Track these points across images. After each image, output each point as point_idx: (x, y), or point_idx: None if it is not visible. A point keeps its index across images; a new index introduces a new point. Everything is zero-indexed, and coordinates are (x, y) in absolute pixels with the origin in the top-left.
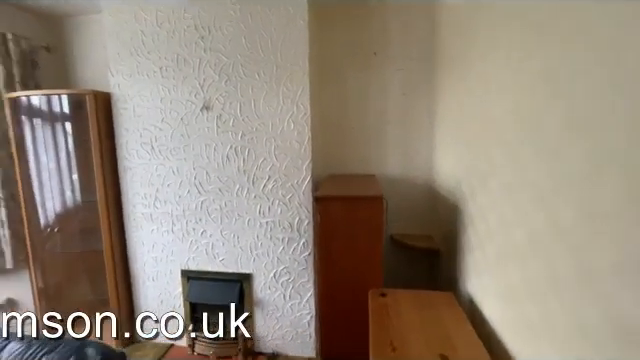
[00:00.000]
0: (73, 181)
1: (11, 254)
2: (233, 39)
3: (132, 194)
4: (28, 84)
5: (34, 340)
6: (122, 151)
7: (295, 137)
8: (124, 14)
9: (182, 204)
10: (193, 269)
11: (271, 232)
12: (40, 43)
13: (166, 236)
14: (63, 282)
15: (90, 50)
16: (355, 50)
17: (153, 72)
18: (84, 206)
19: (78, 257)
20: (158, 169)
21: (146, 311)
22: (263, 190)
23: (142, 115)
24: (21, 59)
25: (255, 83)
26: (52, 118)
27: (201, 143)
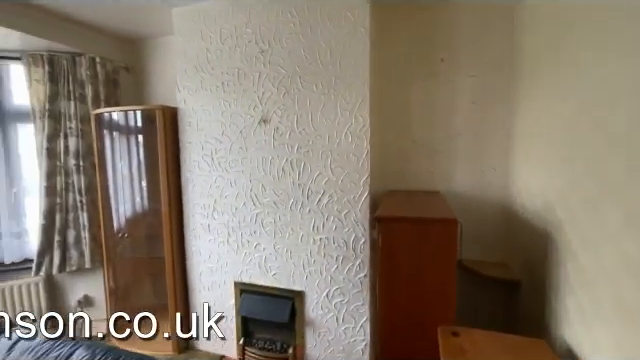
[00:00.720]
0: (142, 188)
1: (89, 255)
2: (292, 51)
3: (192, 204)
4: (110, 101)
5: (98, 350)
6: (185, 162)
7: (352, 150)
8: (192, 33)
9: (238, 216)
10: (246, 282)
11: (325, 249)
12: (121, 64)
13: (222, 247)
14: (130, 284)
15: (161, 69)
16: (419, 57)
17: (216, 87)
18: (150, 213)
19: (143, 262)
20: (217, 181)
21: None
22: (318, 205)
23: (204, 128)
24: (105, 79)
25: (313, 95)
26: (127, 131)
27: (258, 156)
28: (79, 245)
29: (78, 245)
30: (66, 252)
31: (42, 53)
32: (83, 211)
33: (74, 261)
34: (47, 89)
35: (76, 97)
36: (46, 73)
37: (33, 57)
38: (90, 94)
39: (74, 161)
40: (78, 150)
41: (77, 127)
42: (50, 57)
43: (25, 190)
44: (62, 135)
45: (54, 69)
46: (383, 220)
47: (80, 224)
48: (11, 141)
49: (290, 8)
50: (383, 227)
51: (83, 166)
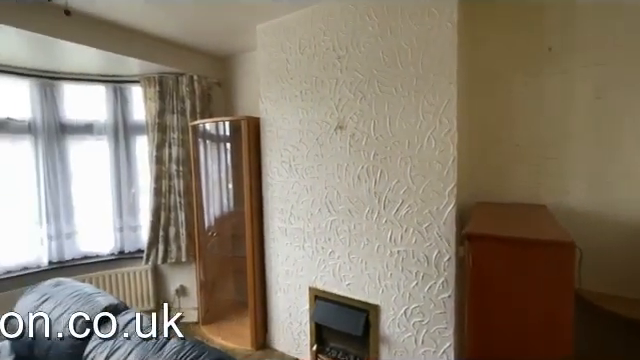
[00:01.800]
0: (229, 191)
1: (185, 250)
2: (370, 55)
3: (271, 208)
4: (204, 114)
5: (187, 342)
6: (266, 169)
7: (436, 157)
8: (273, 46)
9: (313, 222)
10: (320, 288)
11: (403, 263)
12: (214, 80)
13: (297, 251)
14: (216, 279)
15: (247, 82)
16: (520, 48)
17: (294, 96)
18: (235, 214)
19: (228, 259)
20: (294, 187)
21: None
22: (395, 215)
23: (283, 136)
24: (201, 94)
25: (391, 99)
26: (218, 140)
27: (333, 163)
28: (177, 241)
29: (177, 240)
30: (168, 246)
31: (154, 76)
32: (181, 211)
33: (173, 254)
34: (157, 106)
35: (178, 111)
36: (157, 92)
37: (148, 79)
38: (189, 108)
39: (175, 167)
40: (179, 157)
41: (178, 137)
42: (160, 78)
43: (140, 191)
44: (167, 144)
45: (162, 88)
46: (475, 238)
47: (179, 222)
48: (131, 150)
49: (368, 11)
50: (475, 246)
51: (182, 171)
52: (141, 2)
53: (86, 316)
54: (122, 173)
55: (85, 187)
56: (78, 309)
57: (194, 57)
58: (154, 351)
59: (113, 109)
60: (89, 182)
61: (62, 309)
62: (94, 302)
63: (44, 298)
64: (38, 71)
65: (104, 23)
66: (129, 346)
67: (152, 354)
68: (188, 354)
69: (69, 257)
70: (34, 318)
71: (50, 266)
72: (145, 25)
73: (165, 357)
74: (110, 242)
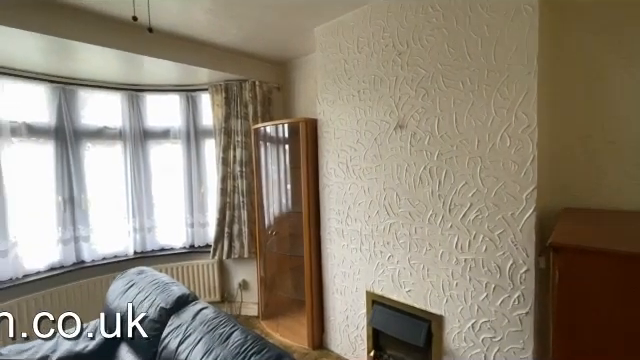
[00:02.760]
0: (287, 192)
1: (247, 247)
2: (433, 49)
3: (328, 209)
4: (265, 117)
5: (249, 336)
6: (323, 170)
7: (512, 156)
8: (331, 48)
9: (371, 224)
10: (378, 293)
11: (470, 272)
12: (274, 85)
13: (354, 254)
14: (275, 276)
15: (305, 85)
16: (621, 34)
17: (352, 96)
18: (293, 214)
19: (286, 258)
20: (351, 188)
21: (333, 320)
22: (462, 220)
23: (340, 137)
24: (262, 99)
25: (458, 94)
26: (277, 142)
27: (393, 163)
28: (240, 237)
29: (240, 237)
30: (232, 242)
31: (221, 83)
32: (244, 209)
33: (237, 250)
34: (223, 111)
35: (242, 116)
36: (223, 99)
37: (215, 87)
38: (251, 112)
39: (239, 168)
40: (242, 159)
41: (242, 140)
42: (226, 85)
43: (208, 190)
44: (232, 147)
45: (228, 95)
46: (564, 250)
47: (242, 220)
48: (201, 152)
49: (432, 2)
50: (564, 259)
51: (245, 172)
52: (210, 16)
53: (165, 305)
54: (193, 174)
55: (162, 186)
56: (157, 296)
57: (256, 64)
58: (220, 342)
59: (186, 116)
60: (166, 182)
61: (144, 295)
62: (169, 291)
63: (130, 284)
64: (126, 85)
65: (179, 38)
66: (198, 334)
67: (218, 344)
68: (250, 348)
69: (149, 248)
70: (123, 301)
71: (135, 255)
72: (213, 37)
73: (229, 349)
74: (182, 236)
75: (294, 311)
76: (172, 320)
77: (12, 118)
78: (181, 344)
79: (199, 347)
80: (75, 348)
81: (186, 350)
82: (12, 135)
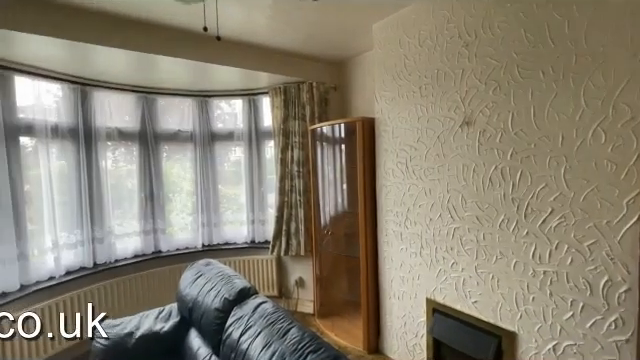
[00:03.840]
0: (343, 192)
1: (304, 245)
2: (507, 36)
3: (385, 211)
4: (322, 118)
5: (306, 334)
6: (380, 170)
7: (608, 155)
8: (390, 43)
9: (432, 228)
10: (439, 301)
11: (551, 287)
12: (331, 85)
13: (414, 258)
14: (331, 276)
15: (362, 84)
16: None
17: (412, 93)
18: (349, 214)
19: (341, 258)
20: (411, 189)
21: (388, 326)
22: (541, 227)
23: (399, 136)
24: (319, 99)
25: (537, 85)
26: (333, 142)
27: (458, 163)
28: (297, 235)
29: (297, 235)
30: (289, 240)
31: (280, 86)
32: (301, 208)
33: (294, 248)
34: (282, 113)
35: (299, 117)
36: (281, 101)
37: (275, 90)
38: (308, 113)
39: (296, 168)
40: (299, 159)
41: (299, 141)
42: (284, 88)
43: (267, 189)
44: (290, 148)
45: (286, 97)
46: None
47: (299, 219)
48: (261, 153)
49: None
50: None
51: (302, 172)
52: (270, 22)
53: (228, 296)
54: (254, 173)
55: (227, 185)
56: (222, 287)
57: (313, 65)
58: (278, 337)
59: (248, 118)
60: (230, 180)
61: (210, 285)
62: (233, 283)
63: (199, 274)
64: (197, 91)
65: (242, 45)
66: (258, 327)
67: (276, 339)
68: (307, 346)
69: (215, 242)
70: (193, 290)
71: (203, 248)
72: (273, 41)
73: (287, 344)
74: (244, 232)
75: (349, 312)
76: (235, 311)
77: (107, 124)
78: (242, 335)
79: (259, 340)
80: (154, 327)
81: (247, 341)
82: (107, 139)
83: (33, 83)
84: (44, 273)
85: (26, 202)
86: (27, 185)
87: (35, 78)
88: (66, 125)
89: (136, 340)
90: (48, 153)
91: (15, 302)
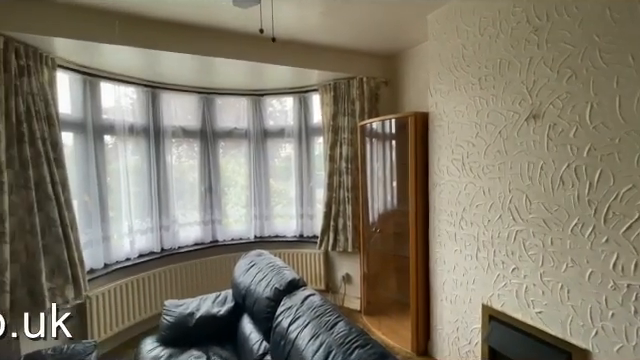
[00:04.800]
0: (393, 189)
1: (351, 241)
2: (586, 18)
3: (438, 210)
4: (371, 113)
5: (354, 329)
6: (433, 167)
7: None
8: (446, 33)
9: (491, 230)
10: (497, 308)
11: (636, 303)
12: (381, 80)
13: (469, 261)
14: (378, 274)
15: (414, 78)
16: None
17: (471, 85)
18: (398, 213)
19: (390, 257)
20: (467, 187)
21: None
22: (625, 234)
23: (455, 131)
24: (369, 95)
25: (624, 72)
26: (383, 138)
27: (522, 160)
28: (345, 231)
29: (344, 231)
30: (337, 235)
31: (330, 83)
32: (349, 204)
33: (341, 244)
34: (331, 109)
35: (349, 113)
36: (331, 97)
37: (324, 87)
38: (358, 109)
39: (345, 164)
40: (348, 155)
41: (348, 137)
42: (334, 85)
43: (316, 184)
44: (339, 144)
45: (336, 93)
46: None
47: (346, 215)
48: (310, 149)
49: None
50: None
51: (350, 168)
52: (322, 19)
53: (279, 286)
54: (303, 169)
55: (277, 180)
56: (273, 277)
57: (363, 60)
58: (325, 329)
59: (298, 115)
60: (280, 176)
61: (262, 275)
62: (283, 274)
63: (251, 264)
64: (250, 90)
65: (294, 43)
66: (306, 318)
67: (324, 331)
68: (354, 340)
69: (267, 234)
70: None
71: (255, 239)
72: (324, 39)
73: (334, 337)
74: (293, 226)
75: (397, 312)
76: (284, 301)
77: (173, 123)
78: (291, 324)
79: (307, 330)
80: (212, 310)
81: (295, 331)
82: (172, 137)
83: (114, 88)
84: (122, 254)
85: (109, 192)
86: (109, 177)
87: (116, 83)
88: (139, 124)
89: (196, 320)
90: (125, 149)
91: (100, 278)
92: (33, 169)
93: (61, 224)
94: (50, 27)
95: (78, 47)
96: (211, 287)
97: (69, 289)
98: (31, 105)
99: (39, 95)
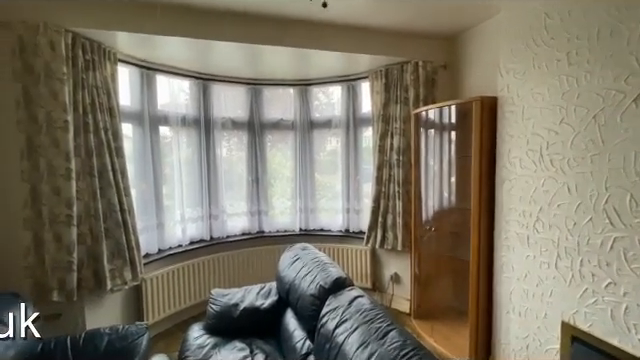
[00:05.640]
0: (450, 185)
1: (401, 239)
2: None
3: (507, 209)
4: (427, 100)
5: (408, 341)
6: (502, 160)
7: None
8: (524, 1)
9: (577, 235)
10: (582, 329)
11: None
12: (440, 63)
13: (545, 270)
14: (431, 276)
15: (476, 59)
16: None
17: (556, 61)
18: (456, 211)
19: (445, 259)
20: (545, 183)
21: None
22: None
23: (532, 117)
24: (425, 80)
25: None
26: (441, 128)
27: (627, 151)
28: (394, 229)
29: (393, 228)
30: (385, 232)
31: (381, 69)
32: (399, 200)
33: (390, 241)
34: (382, 97)
35: (401, 101)
36: (382, 85)
37: (375, 74)
38: (412, 96)
39: (396, 156)
40: (399, 147)
41: (400, 127)
42: (386, 71)
43: (363, 177)
44: (389, 134)
45: (388, 80)
46: None
47: (396, 211)
48: (358, 141)
49: None
50: None
51: (402, 161)
52: (374, 1)
53: (324, 284)
54: (350, 161)
55: (323, 172)
56: (317, 274)
57: (419, 42)
58: (376, 337)
59: (346, 105)
60: (326, 168)
61: (307, 270)
62: (328, 271)
63: (296, 257)
64: (297, 80)
65: (343, 28)
66: (354, 322)
67: (374, 340)
68: (410, 355)
69: (312, 227)
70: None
71: (300, 232)
72: (376, 21)
73: (386, 348)
74: (339, 220)
75: (452, 318)
76: (330, 300)
77: (222, 115)
78: (338, 327)
79: (355, 336)
80: (255, 302)
81: (342, 334)
82: (222, 129)
83: (168, 80)
84: (175, 241)
85: (164, 181)
86: (164, 167)
87: (170, 76)
88: (191, 116)
89: (240, 311)
90: (179, 141)
91: (154, 262)
92: (97, 157)
93: (120, 210)
94: (112, 22)
95: (137, 40)
96: (256, 276)
97: (127, 271)
98: (95, 97)
99: (102, 88)
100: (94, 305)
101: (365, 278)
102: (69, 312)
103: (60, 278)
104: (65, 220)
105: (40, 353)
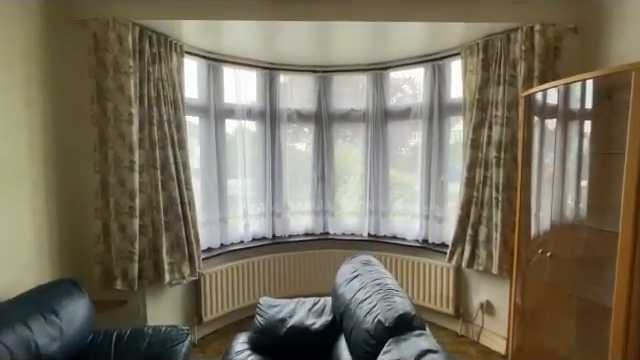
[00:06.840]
0: (579, 192)
1: (497, 259)
2: None
3: None
4: (546, 77)
5: None
6: None
7: None
8: None
9: None
10: None
11: None
12: (567, 26)
13: None
14: (541, 313)
15: (632, 16)
16: None
17: None
18: (588, 231)
19: (566, 296)
20: None
21: None
22: None
23: None
24: (543, 51)
25: None
26: (565, 114)
27: None
28: (489, 245)
29: (487, 245)
30: (475, 249)
31: (478, 42)
32: (497, 209)
33: (481, 260)
34: (478, 78)
35: (505, 80)
36: (479, 61)
37: (470, 48)
38: (521, 74)
39: (495, 153)
40: (500, 140)
41: (502, 115)
42: (485, 43)
43: (448, 178)
44: (486, 125)
45: (487, 55)
46: None
47: (492, 223)
48: (444, 133)
49: None
50: None
51: (503, 159)
52: None
53: (384, 320)
54: (433, 158)
55: (398, 169)
56: (377, 302)
57: (536, 1)
58: None
59: (430, 90)
60: (402, 165)
61: (364, 294)
62: (392, 301)
63: (355, 274)
64: (371, 64)
65: None
66: None
67: None
68: None
69: (382, 233)
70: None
71: (368, 238)
72: None
73: None
74: (415, 228)
75: None
76: (391, 345)
77: (288, 106)
78: None
79: None
80: (305, 321)
81: None
82: (288, 121)
83: (234, 72)
84: (237, 236)
85: (228, 175)
86: (228, 160)
87: (236, 67)
88: (257, 108)
89: (287, 329)
90: (243, 134)
91: (216, 257)
92: (159, 150)
93: (181, 203)
94: (177, 10)
95: (202, 29)
96: (316, 282)
97: (185, 266)
98: (160, 90)
99: (168, 81)
100: (155, 297)
101: (446, 302)
102: (133, 301)
103: (123, 267)
104: (128, 211)
105: (88, 345)
